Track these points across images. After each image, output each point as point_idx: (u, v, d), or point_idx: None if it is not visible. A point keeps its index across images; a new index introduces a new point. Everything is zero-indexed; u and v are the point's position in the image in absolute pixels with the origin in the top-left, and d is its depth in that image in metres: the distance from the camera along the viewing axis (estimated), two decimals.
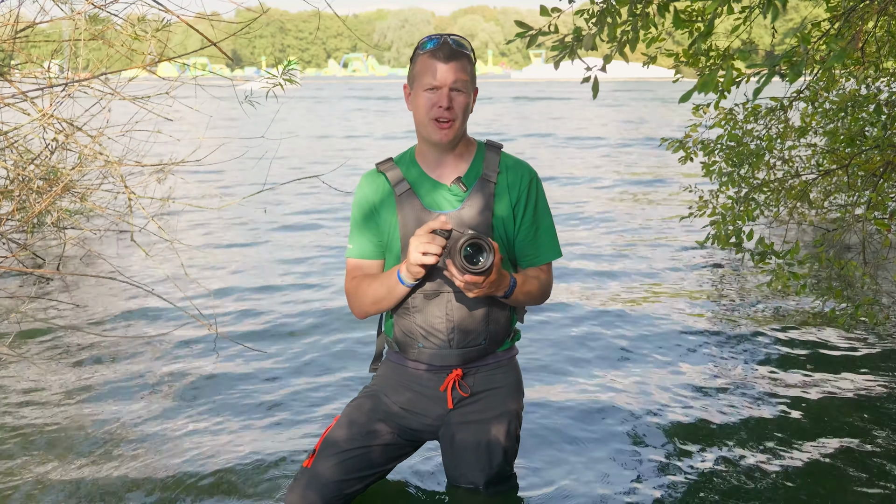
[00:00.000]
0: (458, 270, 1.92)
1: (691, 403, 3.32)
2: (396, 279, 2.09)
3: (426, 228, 1.99)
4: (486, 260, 1.92)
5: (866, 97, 4.61)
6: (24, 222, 3.80)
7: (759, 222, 6.60)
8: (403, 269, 2.06)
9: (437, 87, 2.07)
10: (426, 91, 2.08)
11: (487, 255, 1.92)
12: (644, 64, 4.44)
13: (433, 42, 2.10)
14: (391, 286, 2.12)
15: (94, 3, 2.94)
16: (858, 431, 3.04)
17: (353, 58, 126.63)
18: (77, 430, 3.09)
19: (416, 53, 2.13)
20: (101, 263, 5.66)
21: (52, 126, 3.49)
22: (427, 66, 2.08)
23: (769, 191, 5.31)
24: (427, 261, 1.98)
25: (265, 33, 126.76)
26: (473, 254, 1.93)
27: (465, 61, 2.09)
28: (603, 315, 4.63)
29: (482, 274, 1.92)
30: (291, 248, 6.68)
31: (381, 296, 2.15)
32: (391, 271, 2.13)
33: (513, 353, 2.35)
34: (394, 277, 2.10)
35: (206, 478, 2.70)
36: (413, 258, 1.99)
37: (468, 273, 1.91)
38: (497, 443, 2.26)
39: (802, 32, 3.63)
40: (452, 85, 2.07)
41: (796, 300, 4.82)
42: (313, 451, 2.23)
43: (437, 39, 2.10)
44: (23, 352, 3.95)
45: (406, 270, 2.05)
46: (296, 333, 4.32)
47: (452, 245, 1.96)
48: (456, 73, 2.06)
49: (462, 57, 2.08)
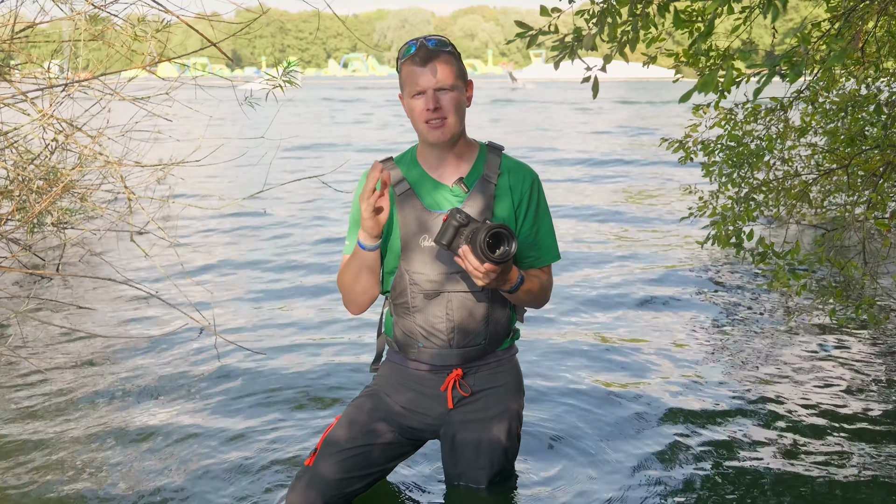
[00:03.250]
0: (479, 258, 1.93)
1: (691, 403, 3.32)
2: (359, 247, 2.12)
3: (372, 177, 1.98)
4: (507, 248, 1.94)
5: (866, 97, 4.61)
6: (24, 222, 3.80)
7: (759, 222, 6.60)
8: (360, 232, 2.09)
9: (421, 91, 2.07)
10: (414, 97, 2.10)
11: (509, 244, 1.94)
12: (644, 64, 4.44)
13: (411, 48, 2.11)
14: (357, 254, 2.13)
15: (94, 4, 2.94)
16: (858, 431, 3.04)
17: (353, 58, 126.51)
18: (76, 430, 3.09)
19: (398, 62, 2.14)
20: (101, 263, 5.65)
21: (52, 126, 3.49)
22: (409, 74, 2.09)
23: (769, 191, 5.31)
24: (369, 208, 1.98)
25: (265, 33, 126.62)
26: (494, 244, 1.94)
27: (444, 59, 2.08)
28: (602, 315, 4.63)
29: (502, 263, 1.94)
30: (291, 248, 6.68)
31: (354, 270, 2.16)
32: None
33: (513, 352, 2.35)
34: (358, 248, 2.13)
35: (207, 477, 2.70)
36: (365, 214, 2.01)
37: (489, 261, 1.93)
38: (498, 442, 2.26)
39: (802, 32, 3.63)
40: (436, 86, 2.07)
41: (796, 300, 4.82)
42: (314, 451, 2.24)
43: (414, 44, 2.11)
44: (22, 352, 3.95)
45: (362, 231, 2.08)
46: (295, 334, 4.32)
47: (474, 232, 1.96)
48: (436, 73, 2.06)
49: (440, 55, 2.08)
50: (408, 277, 2.17)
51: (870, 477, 2.68)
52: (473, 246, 1.95)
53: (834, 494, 2.58)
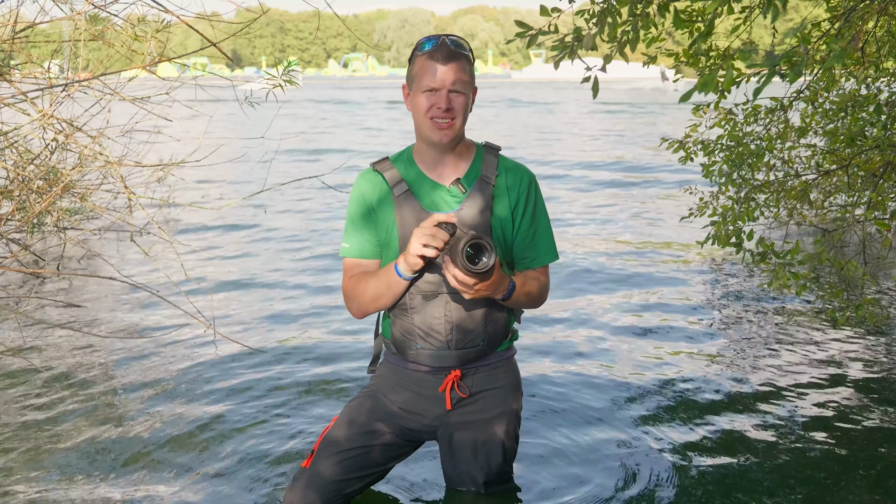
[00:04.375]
0: (460, 270, 1.90)
1: (691, 404, 3.32)
2: (395, 273, 2.09)
3: (432, 221, 1.99)
4: (487, 260, 1.90)
5: (866, 97, 4.60)
6: (24, 222, 3.80)
7: (759, 223, 6.59)
8: (401, 261, 2.06)
9: (436, 88, 2.06)
10: (425, 93, 2.08)
11: (489, 256, 1.90)
12: (644, 64, 4.44)
13: (431, 43, 2.09)
14: (390, 281, 2.11)
15: (94, 3, 2.94)
16: (858, 431, 3.04)
17: (353, 58, 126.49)
18: (76, 430, 3.09)
19: (415, 54, 2.12)
20: (101, 263, 5.66)
21: (52, 126, 3.49)
22: (425, 68, 2.07)
23: (769, 191, 5.31)
24: (427, 253, 1.97)
25: (265, 33, 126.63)
26: (475, 254, 1.90)
27: (463, 62, 2.08)
28: (602, 315, 4.63)
29: (483, 275, 1.90)
30: (291, 248, 6.68)
31: (380, 291, 2.14)
32: (389, 266, 2.12)
33: (512, 353, 2.35)
34: (392, 271, 2.09)
35: (206, 477, 2.70)
36: (413, 249, 1.98)
37: (469, 274, 1.89)
38: (496, 443, 2.26)
39: (802, 32, 3.63)
40: (451, 86, 2.06)
41: (796, 300, 4.81)
42: (312, 451, 2.24)
43: (436, 40, 2.09)
44: (22, 352, 3.95)
45: (404, 262, 2.04)
46: (295, 333, 4.33)
47: (454, 244, 1.93)
48: (454, 74, 2.06)
49: (461, 57, 2.08)
50: None
51: (870, 477, 2.68)
52: (453, 257, 1.92)
53: (834, 494, 2.58)
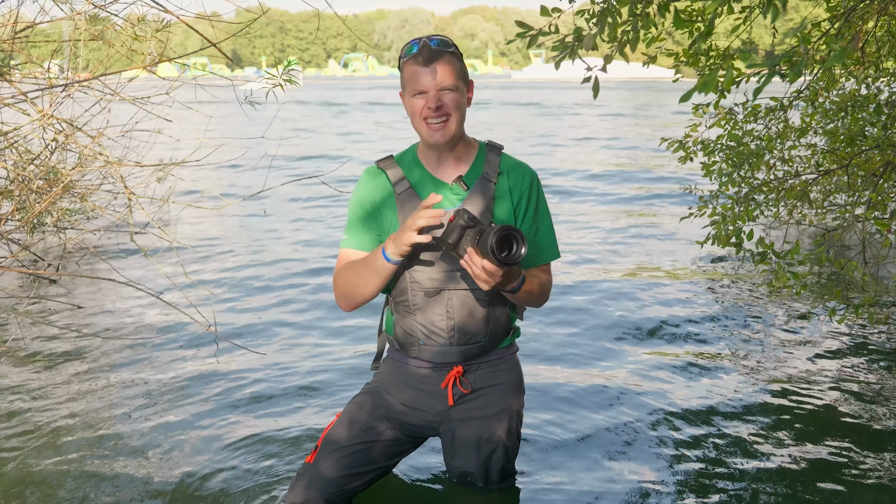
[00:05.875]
0: (492, 259, 1.90)
1: (691, 404, 3.32)
2: (382, 257, 2.07)
3: (425, 204, 1.98)
4: (518, 250, 1.91)
5: (866, 97, 4.61)
6: (24, 222, 3.80)
7: (759, 222, 6.60)
8: (390, 244, 2.05)
9: (424, 91, 2.07)
10: (415, 96, 2.09)
11: (519, 245, 1.91)
12: (644, 64, 4.44)
13: (414, 47, 2.10)
14: (376, 265, 2.09)
15: (94, 3, 2.94)
16: (858, 431, 3.04)
17: (354, 58, 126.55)
18: (76, 430, 3.09)
19: (401, 61, 2.13)
20: (101, 264, 5.66)
21: (52, 126, 3.49)
22: (411, 73, 2.08)
23: (769, 191, 5.31)
24: (421, 239, 1.98)
25: (265, 33, 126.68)
26: (503, 246, 1.92)
27: (447, 59, 2.08)
28: (602, 315, 4.63)
29: (512, 265, 1.92)
30: (291, 248, 6.68)
31: (366, 277, 2.12)
32: (376, 250, 2.10)
33: (514, 350, 2.35)
34: (379, 255, 2.08)
35: (207, 477, 2.70)
36: (407, 237, 1.98)
37: (499, 264, 1.90)
38: (498, 440, 2.26)
39: (802, 32, 3.62)
40: (438, 86, 2.07)
41: (796, 300, 4.82)
42: (314, 449, 2.24)
43: (417, 44, 2.10)
44: (22, 352, 3.95)
45: (394, 245, 2.03)
46: (295, 333, 4.33)
47: (481, 234, 1.94)
48: (440, 72, 2.06)
49: (443, 56, 2.08)
50: (409, 276, 2.17)
51: (870, 477, 2.68)
52: (482, 248, 1.92)
53: (835, 494, 2.58)
